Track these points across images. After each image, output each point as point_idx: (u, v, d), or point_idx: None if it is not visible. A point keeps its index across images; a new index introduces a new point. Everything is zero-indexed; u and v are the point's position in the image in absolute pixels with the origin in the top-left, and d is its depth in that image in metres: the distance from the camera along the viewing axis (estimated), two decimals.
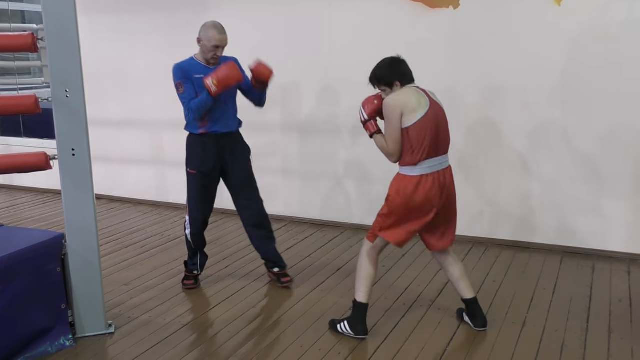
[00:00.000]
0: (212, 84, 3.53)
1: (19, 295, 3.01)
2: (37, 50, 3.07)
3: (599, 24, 4.20)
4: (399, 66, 3.18)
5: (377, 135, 3.18)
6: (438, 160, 3.11)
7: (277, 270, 4.06)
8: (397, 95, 3.06)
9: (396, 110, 3.02)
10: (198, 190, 3.88)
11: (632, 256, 4.38)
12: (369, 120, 3.21)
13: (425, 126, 3.02)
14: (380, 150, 3.18)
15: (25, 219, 5.73)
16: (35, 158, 3.17)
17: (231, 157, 3.88)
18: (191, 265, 4.05)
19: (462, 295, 3.37)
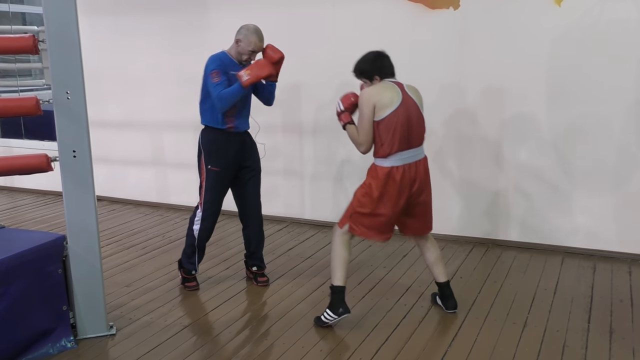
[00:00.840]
0: (245, 74, 3.62)
1: (20, 297, 3.02)
2: (38, 52, 3.07)
3: (598, 24, 4.20)
4: (381, 61, 3.39)
5: (350, 126, 3.39)
6: (410, 153, 3.28)
7: (255, 270, 4.13)
8: (373, 90, 3.27)
9: (369, 104, 3.22)
10: (219, 186, 3.93)
11: (633, 256, 4.38)
12: (344, 111, 3.41)
13: (395, 121, 3.20)
14: (351, 140, 3.39)
15: (27, 221, 5.74)
16: (37, 160, 3.17)
17: (249, 153, 4.01)
18: (189, 264, 4.01)
19: (436, 279, 3.61)
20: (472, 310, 3.60)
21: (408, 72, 4.81)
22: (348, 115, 3.41)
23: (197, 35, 5.36)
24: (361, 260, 4.51)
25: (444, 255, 4.55)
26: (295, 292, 3.93)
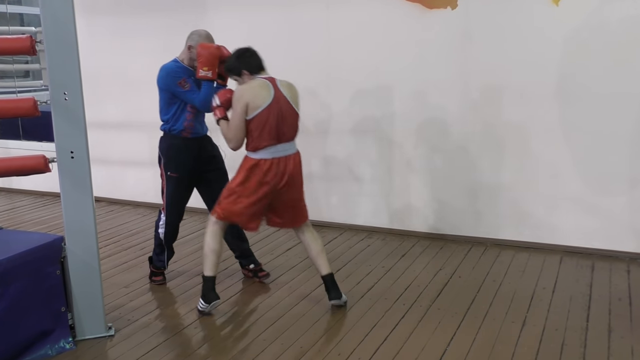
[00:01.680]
0: (203, 71, 3.63)
1: (18, 298, 3.01)
2: (35, 53, 3.07)
3: (596, 23, 4.21)
4: (246, 57, 3.50)
5: (223, 121, 3.49)
6: (280, 147, 3.42)
7: (253, 267, 4.18)
8: (246, 89, 3.38)
9: (241, 102, 3.34)
10: (179, 191, 3.97)
11: (631, 255, 4.38)
12: (219, 106, 3.51)
13: (265, 118, 3.34)
14: (223, 135, 3.48)
15: (25, 222, 5.73)
16: (34, 161, 3.17)
17: (210, 156, 4.01)
18: (158, 261, 4.13)
19: (319, 272, 3.68)
20: (471, 310, 3.60)
21: (406, 71, 4.85)
22: (223, 111, 3.50)
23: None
24: (359, 260, 4.51)
25: (443, 254, 4.57)
26: (293, 292, 3.93)
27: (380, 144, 5.06)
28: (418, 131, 4.89)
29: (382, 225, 5.16)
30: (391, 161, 5.04)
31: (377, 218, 5.19)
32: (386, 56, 4.86)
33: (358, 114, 5.09)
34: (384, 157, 5.08)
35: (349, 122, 5.13)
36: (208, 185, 4.04)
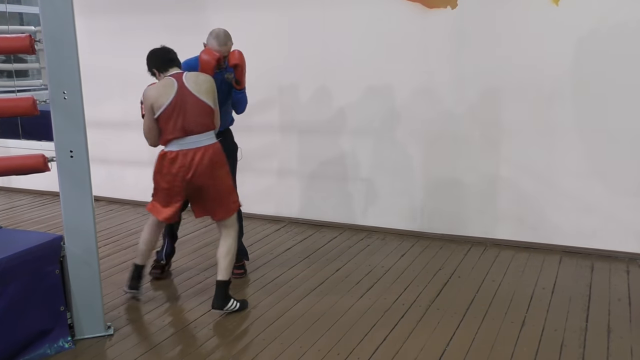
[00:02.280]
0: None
1: (17, 297, 3.01)
2: (34, 52, 3.07)
3: (596, 23, 4.21)
4: (154, 57, 3.67)
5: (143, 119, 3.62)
6: (187, 140, 3.47)
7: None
8: (152, 90, 3.50)
9: (147, 103, 3.49)
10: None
11: (631, 255, 4.38)
12: (142, 104, 3.63)
13: (169, 113, 3.43)
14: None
15: (24, 221, 5.73)
16: (34, 160, 3.17)
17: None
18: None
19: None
20: (470, 310, 3.60)
21: (405, 70, 4.85)
22: (142, 110, 3.64)
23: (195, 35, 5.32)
24: (359, 259, 4.51)
25: (442, 254, 4.56)
26: (293, 292, 3.93)
27: (379, 144, 5.06)
28: (417, 131, 4.89)
29: (382, 225, 5.16)
30: (390, 161, 5.04)
31: (376, 218, 5.19)
32: (386, 56, 4.86)
33: (357, 113, 5.08)
34: (383, 156, 5.08)
35: (349, 122, 5.13)
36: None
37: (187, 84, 3.46)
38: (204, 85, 3.50)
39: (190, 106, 3.45)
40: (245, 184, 5.64)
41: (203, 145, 3.49)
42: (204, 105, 3.48)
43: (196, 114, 3.46)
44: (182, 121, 3.43)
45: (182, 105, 3.43)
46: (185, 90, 3.45)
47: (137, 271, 3.84)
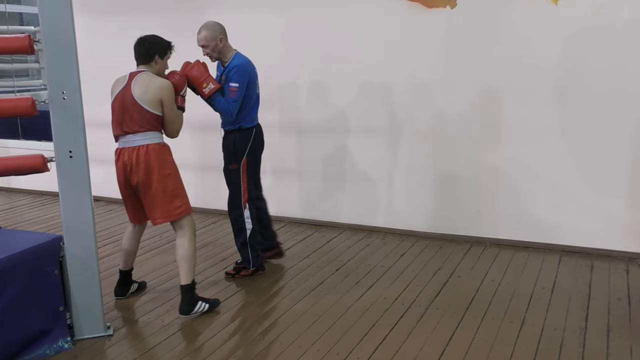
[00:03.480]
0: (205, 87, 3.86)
1: (16, 297, 3.01)
2: (34, 52, 3.07)
3: (595, 22, 4.21)
4: (135, 49, 3.62)
5: None
6: (127, 138, 3.54)
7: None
8: (117, 79, 3.64)
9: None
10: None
11: (630, 255, 4.38)
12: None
13: (113, 109, 3.57)
14: None
15: (23, 222, 5.73)
16: (33, 160, 3.16)
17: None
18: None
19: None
20: (470, 309, 3.60)
21: (405, 70, 4.85)
22: None
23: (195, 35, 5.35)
24: (359, 259, 4.51)
25: (442, 254, 4.56)
26: (292, 292, 3.93)
27: (379, 143, 5.06)
28: (417, 130, 4.89)
29: (381, 224, 5.16)
30: (390, 160, 5.04)
31: (376, 217, 5.19)
32: (385, 55, 4.86)
33: (357, 113, 5.08)
34: (383, 156, 5.08)
35: (349, 121, 5.13)
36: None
37: (134, 86, 3.45)
38: (152, 92, 3.42)
39: (130, 107, 3.46)
40: None
41: (137, 145, 3.49)
42: (142, 110, 3.44)
43: (135, 116, 3.46)
44: (121, 119, 3.51)
45: (123, 104, 3.48)
46: (128, 91, 3.46)
47: (121, 276, 3.90)
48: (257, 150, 4.17)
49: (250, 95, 3.97)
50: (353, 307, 3.66)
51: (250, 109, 4.04)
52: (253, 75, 3.99)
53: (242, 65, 3.90)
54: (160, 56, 3.56)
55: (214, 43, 3.87)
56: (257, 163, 4.20)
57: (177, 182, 3.58)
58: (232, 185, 4.13)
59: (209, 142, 5.54)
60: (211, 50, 3.90)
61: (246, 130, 4.05)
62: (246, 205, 4.12)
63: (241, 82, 3.87)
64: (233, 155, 4.06)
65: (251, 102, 4.02)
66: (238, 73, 3.87)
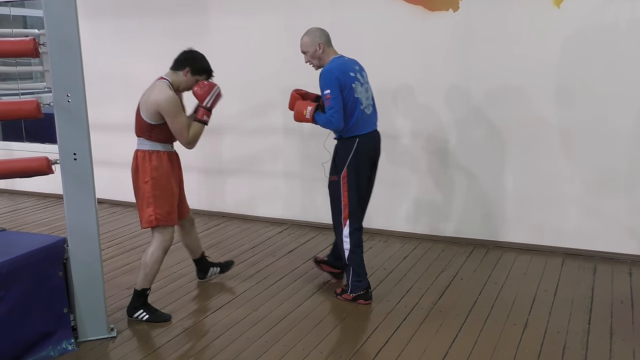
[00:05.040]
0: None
1: (21, 299, 3.02)
2: (38, 55, 3.08)
3: (597, 25, 4.21)
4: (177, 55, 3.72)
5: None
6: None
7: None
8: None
9: None
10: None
11: (633, 257, 4.38)
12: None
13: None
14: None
15: (27, 224, 5.74)
16: (37, 163, 3.17)
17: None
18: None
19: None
20: (473, 312, 3.60)
21: (407, 74, 4.85)
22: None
23: (198, 38, 5.36)
24: None
25: (445, 256, 4.56)
26: (295, 294, 3.93)
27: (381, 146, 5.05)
28: (419, 134, 4.89)
29: (384, 227, 5.16)
30: (392, 164, 5.04)
31: (378, 220, 5.19)
32: (388, 58, 4.87)
33: None
34: (385, 159, 5.07)
35: None
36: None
37: (145, 91, 3.56)
38: (150, 102, 3.45)
39: (136, 112, 3.56)
40: (247, 187, 5.68)
41: (135, 149, 3.60)
42: (139, 117, 3.53)
43: (136, 121, 3.56)
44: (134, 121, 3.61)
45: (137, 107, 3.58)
46: (141, 99, 3.57)
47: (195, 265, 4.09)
48: (363, 164, 3.73)
49: (347, 99, 3.58)
50: (356, 310, 3.67)
51: (349, 115, 3.62)
52: (344, 77, 3.58)
53: (327, 69, 3.61)
54: (192, 72, 3.58)
55: (313, 49, 3.65)
56: (361, 177, 3.74)
57: (155, 191, 3.52)
58: (333, 198, 3.82)
59: (212, 144, 5.57)
60: (310, 57, 3.69)
61: (345, 140, 3.70)
62: (346, 222, 3.73)
63: (331, 87, 3.53)
64: (334, 166, 3.82)
65: (348, 107, 3.60)
66: (323, 79, 3.59)
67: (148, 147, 3.54)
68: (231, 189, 5.66)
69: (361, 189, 3.78)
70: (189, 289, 4.08)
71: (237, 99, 5.18)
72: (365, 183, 3.80)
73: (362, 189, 3.79)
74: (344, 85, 3.57)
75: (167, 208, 3.56)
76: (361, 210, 3.84)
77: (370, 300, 3.75)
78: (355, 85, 3.61)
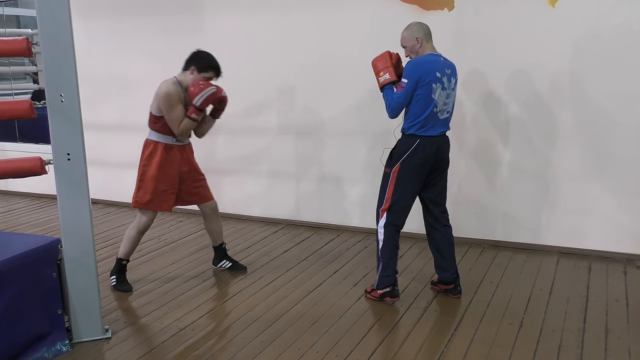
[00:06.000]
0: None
1: (14, 300, 3.00)
2: (31, 54, 3.06)
3: (593, 24, 4.22)
4: None
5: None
6: None
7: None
8: None
9: None
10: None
11: (628, 256, 4.39)
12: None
13: None
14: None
15: (21, 224, 5.72)
16: (31, 163, 3.16)
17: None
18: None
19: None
20: (468, 311, 3.60)
21: None
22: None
23: (193, 38, 5.34)
24: (357, 261, 4.51)
25: None
26: (291, 294, 3.92)
27: (375, 146, 5.05)
28: None
29: None
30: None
31: (373, 220, 5.17)
32: None
33: (355, 115, 5.09)
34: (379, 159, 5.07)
35: (345, 124, 5.14)
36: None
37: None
38: (155, 96, 3.84)
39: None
40: (242, 187, 5.67)
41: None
42: (149, 109, 3.90)
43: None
44: None
45: None
46: None
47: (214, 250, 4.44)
48: (418, 165, 3.59)
49: (420, 96, 3.49)
50: (351, 310, 3.66)
51: (417, 113, 3.53)
52: (425, 73, 3.49)
53: (414, 61, 3.56)
54: (198, 70, 3.81)
55: (412, 44, 3.61)
56: (413, 177, 3.63)
57: (142, 176, 3.98)
58: (380, 188, 3.77)
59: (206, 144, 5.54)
60: (409, 51, 3.64)
61: (407, 136, 3.61)
62: (384, 214, 3.71)
63: (410, 78, 3.48)
64: (390, 157, 3.73)
65: (419, 105, 3.51)
66: (407, 69, 3.54)
67: (149, 137, 3.99)
68: (226, 188, 5.64)
69: (410, 189, 3.67)
70: (183, 289, 4.06)
71: (232, 97, 5.13)
72: (417, 185, 3.67)
73: (412, 190, 3.68)
74: (423, 82, 3.49)
75: (150, 195, 3.94)
76: (404, 211, 3.72)
77: (396, 297, 3.73)
78: (436, 87, 3.51)
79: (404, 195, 3.66)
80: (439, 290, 3.89)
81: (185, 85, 3.84)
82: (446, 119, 3.66)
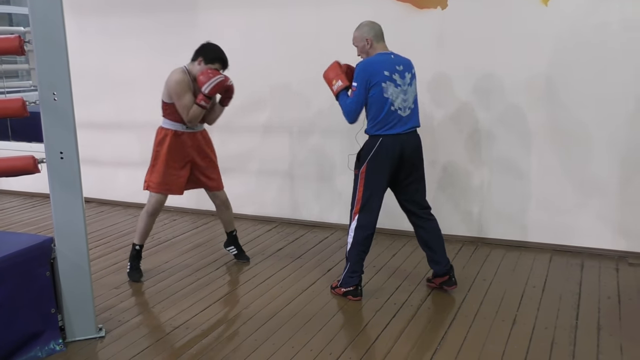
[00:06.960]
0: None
1: (7, 299, 2.99)
2: (24, 52, 3.04)
3: (586, 23, 4.24)
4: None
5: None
6: None
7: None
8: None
9: None
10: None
11: (620, 253, 4.41)
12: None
13: None
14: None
15: (14, 223, 5.69)
16: (23, 161, 3.14)
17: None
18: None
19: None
20: (462, 309, 3.62)
21: None
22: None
23: (187, 35, 5.34)
24: None
25: None
26: (284, 293, 3.93)
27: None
28: None
29: None
30: None
31: None
32: None
33: None
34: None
35: (340, 122, 5.10)
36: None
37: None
38: (169, 79, 3.98)
39: None
40: (236, 185, 5.66)
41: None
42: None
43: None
44: None
45: None
46: None
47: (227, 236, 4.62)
48: (383, 163, 3.61)
49: (374, 97, 3.53)
50: (345, 307, 3.67)
51: (375, 114, 3.57)
52: (373, 75, 3.52)
53: (361, 63, 3.60)
54: (205, 61, 3.94)
55: (362, 44, 3.65)
56: (380, 177, 3.64)
57: (156, 160, 4.11)
58: (352, 191, 3.76)
59: None
60: (360, 52, 3.68)
61: (370, 137, 3.66)
62: (355, 216, 3.71)
63: (359, 81, 3.53)
64: (357, 159, 3.75)
65: (375, 106, 3.56)
66: (356, 72, 3.59)
67: (162, 125, 4.12)
68: None
69: (378, 189, 3.68)
70: (178, 287, 4.06)
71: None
72: (384, 184, 3.69)
73: (380, 190, 3.69)
74: (371, 82, 3.52)
75: (159, 179, 4.08)
76: (375, 210, 3.71)
77: (359, 297, 3.77)
78: (387, 85, 3.52)
79: (374, 194, 3.68)
80: (435, 286, 3.90)
81: (193, 74, 3.97)
82: (410, 115, 3.66)
